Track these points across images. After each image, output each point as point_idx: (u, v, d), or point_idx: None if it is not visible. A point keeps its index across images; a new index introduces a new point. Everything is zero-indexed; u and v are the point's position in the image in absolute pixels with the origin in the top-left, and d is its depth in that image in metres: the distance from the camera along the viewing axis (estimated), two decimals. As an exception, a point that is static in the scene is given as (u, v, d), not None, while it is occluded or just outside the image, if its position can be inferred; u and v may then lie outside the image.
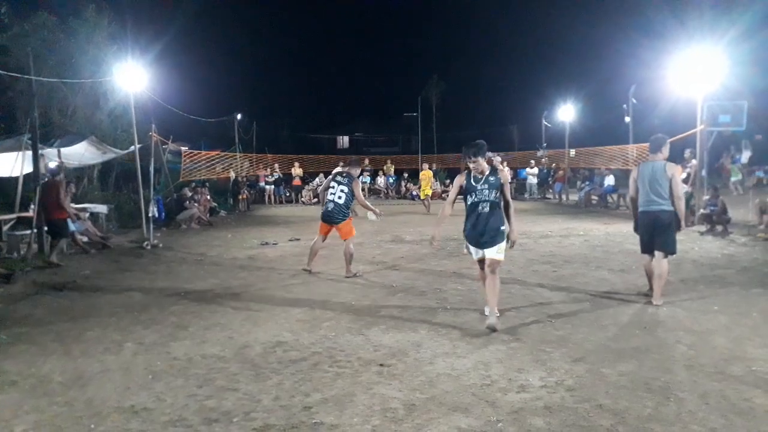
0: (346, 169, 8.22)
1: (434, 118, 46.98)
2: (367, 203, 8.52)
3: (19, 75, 12.11)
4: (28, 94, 12.30)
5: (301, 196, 24.51)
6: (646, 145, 6.89)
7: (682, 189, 6.41)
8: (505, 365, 4.50)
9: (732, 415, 3.57)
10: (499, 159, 20.16)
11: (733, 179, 20.31)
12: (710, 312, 5.94)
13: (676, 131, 13.64)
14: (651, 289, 6.46)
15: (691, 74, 12.86)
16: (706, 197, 12.05)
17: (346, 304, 6.59)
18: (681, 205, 6.23)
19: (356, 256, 8.43)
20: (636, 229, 6.58)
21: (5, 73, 12.47)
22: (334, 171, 8.36)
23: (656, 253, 6.28)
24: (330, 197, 8.03)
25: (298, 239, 12.35)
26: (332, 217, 8.01)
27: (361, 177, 8.20)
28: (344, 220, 7.96)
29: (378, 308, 6.36)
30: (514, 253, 9.92)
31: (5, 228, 10.59)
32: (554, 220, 15.68)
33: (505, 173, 5.34)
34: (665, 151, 6.40)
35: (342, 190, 7.91)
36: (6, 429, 3.60)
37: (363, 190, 7.73)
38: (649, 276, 6.49)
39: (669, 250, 6.25)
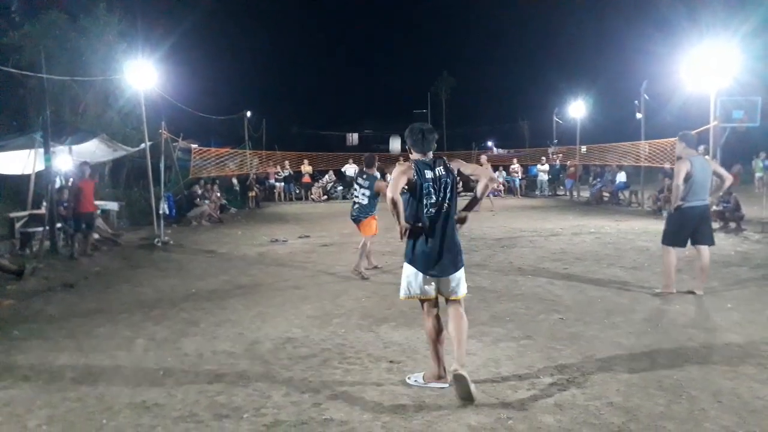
0: (365, 169, 8.26)
1: (444, 115, 46.92)
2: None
3: (31, 73, 12.22)
4: (40, 91, 12.42)
5: (311, 194, 24.54)
6: (659, 141, 6.88)
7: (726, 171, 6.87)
8: (515, 362, 4.48)
9: (745, 413, 3.53)
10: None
11: (758, 175, 20.12)
12: (723, 309, 5.88)
13: (689, 127, 13.42)
14: (668, 285, 6.44)
15: (704, 69, 12.71)
16: (719, 194, 11.92)
17: (356, 301, 6.60)
18: (728, 183, 6.77)
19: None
20: (674, 211, 6.48)
21: (17, 71, 12.58)
22: (356, 172, 8.48)
23: (701, 247, 6.45)
24: (355, 199, 8.14)
25: (308, 236, 12.37)
26: (357, 217, 8.10)
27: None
28: (366, 217, 8.04)
29: (388, 305, 6.35)
30: (524, 250, 9.91)
31: (18, 225, 10.68)
32: (565, 217, 15.59)
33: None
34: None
35: (364, 193, 8.03)
36: (20, 424, 3.64)
37: None
38: (670, 270, 6.45)
39: (713, 241, 6.55)
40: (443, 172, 3.95)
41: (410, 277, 4.01)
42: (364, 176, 8.12)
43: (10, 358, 4.86)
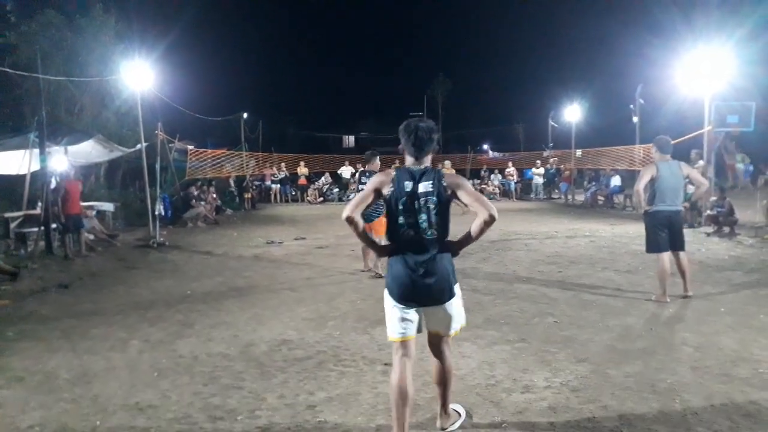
0: (367, 167, 8.25)
1: (440, 117, 46.98)
2: None
3: (27, 73, 12.17)
4: (36, 92, 12.39)
5: (307, 195, 24.53)
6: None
7: (701, 177, 6.97)
8: (509, 365, 4.49)
9: (738, 418, 3.55)
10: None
11: (740, 167, 20.15)
12: (717, 313, 5.91)
13: (683, 131, 13.57)
14: (663, 294, 6.36)
15: (699, 73, 12.78)
16: (713, 198, 11.99)
17: (351, 304, 6.60)
18: (703, 190, 6.83)
19: (357, 255, 8.44)
20: (646, 214, 6.48)
21: (13, 71, 12.53)
22: (357, 173, 8.44)
23: (677, 252, 6.44)
24: None
25: (304, 238, 12.37)
26: (369, 216, 7.99)
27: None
28: (379, 216, 7.56)
29: (383, 308, 6.32)
30: (519, 253, 9.93)
31: (13, 225, 10.65)
32: (560, 220, 15.64)
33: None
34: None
35: None
36: (13, 425, 3.63)
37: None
38: (664, 277, 6.36)
39: (684, 247, 6.52)
40: (429, 188, 3.12)
41: (389, 310, 3.33)
42: (367, 174, 8.10)
43: (4, 359, 4.85)
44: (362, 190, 8.20)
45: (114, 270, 9.11)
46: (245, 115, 26.16)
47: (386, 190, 3.22)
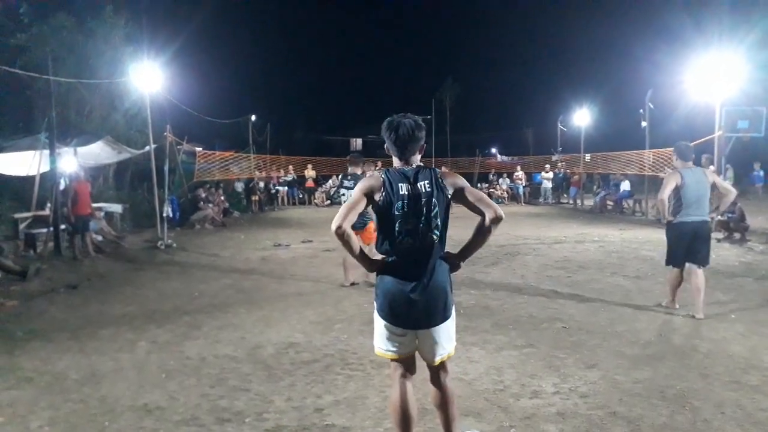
0: (350, 170, 7.96)
1: (448, 121, 46.94)
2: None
3: (38, 75, 12.25)
4: (47, 93, 12.45)
5: (314, 198, 24.56)
6: (663, 150, 6.74)
7: (728, 185, 6.53)
8: (518, 371, 4.47)
9: (748, 425, 3.52)
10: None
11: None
12: (727, 320, 5.86)
13: (693, 137, 13.47)
14: (672, 300, 6.27)
15: (709, 79, 12.71)
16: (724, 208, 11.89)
17: (358, 307, 6.59)
18: (731, 198, 6.23)
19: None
20: (669, 225, 6.13)
21: (25, 72, 12.63)
22: (341, 176, 7.98)
23: (692, 266, 5.96)
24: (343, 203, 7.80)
25: (311, 241, 12.38)
26: (355, 224, 7.75)
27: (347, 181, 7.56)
28: (364, 226, 7.13)
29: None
30: (527, 258, 9.89)
31: (22, 226, 10.72)
32: (569, 225, 15.57)
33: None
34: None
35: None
36: (22, 425, 3.64)
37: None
38: (674, 285, 6.20)
39: (708, 262, 6.04)
40: (427, 188, 2.84)
41: (378, 327, 3.02)
42: (349, 177, 7.63)
43: (14, 359, 4.88)
44: (344, 195, 7.53)
45: (122, 271, 9.15)
46: (253, 118, 26.23)
47: (377, 196, 2.85)
